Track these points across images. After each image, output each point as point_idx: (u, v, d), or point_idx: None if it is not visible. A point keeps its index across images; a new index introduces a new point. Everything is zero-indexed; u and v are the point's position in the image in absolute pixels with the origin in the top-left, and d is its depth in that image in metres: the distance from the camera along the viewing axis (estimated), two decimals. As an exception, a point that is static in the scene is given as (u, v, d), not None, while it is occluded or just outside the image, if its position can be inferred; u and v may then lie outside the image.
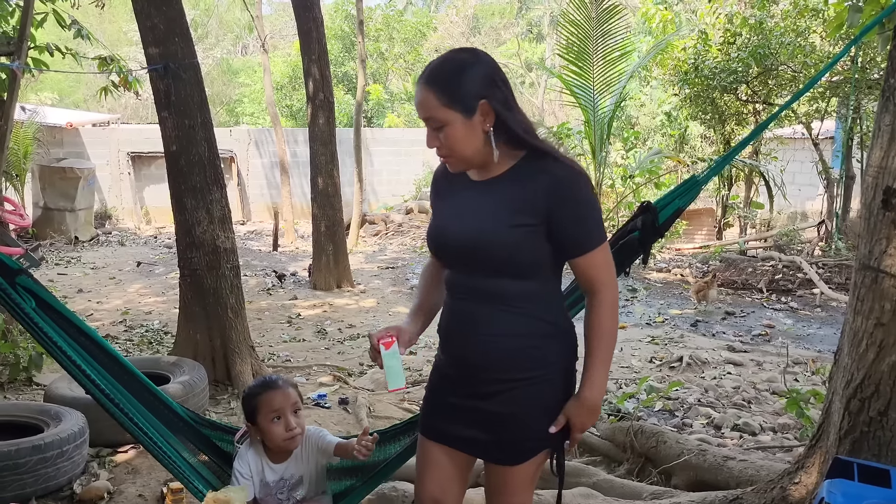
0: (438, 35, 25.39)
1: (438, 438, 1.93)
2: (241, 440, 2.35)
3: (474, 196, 1.80)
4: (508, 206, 1.74)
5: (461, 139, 1.73)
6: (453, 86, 1.71)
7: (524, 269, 1.77)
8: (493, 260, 1.75)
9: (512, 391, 1.79)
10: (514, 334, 1.78)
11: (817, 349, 6.36)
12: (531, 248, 1.75)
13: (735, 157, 9.05)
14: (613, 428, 3.83)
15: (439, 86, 1.71)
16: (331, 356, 5.92)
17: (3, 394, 4.67)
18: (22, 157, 12.40)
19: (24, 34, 3.91)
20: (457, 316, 1.86)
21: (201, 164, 4.70)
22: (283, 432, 2.22)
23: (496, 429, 1.82)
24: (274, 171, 15.58)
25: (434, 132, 1.75)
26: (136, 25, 4.85)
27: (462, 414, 1.86)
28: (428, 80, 1.73)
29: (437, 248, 1.89)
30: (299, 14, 8.42)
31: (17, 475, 3.06)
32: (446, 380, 1.91)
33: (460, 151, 1.75)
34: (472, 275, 1.81)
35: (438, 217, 1.91)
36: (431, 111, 1.72)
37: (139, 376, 2.40)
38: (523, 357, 1.79)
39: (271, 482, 2.28)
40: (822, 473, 2.41)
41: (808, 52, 9.50)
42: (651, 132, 14.59)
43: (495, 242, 1.73)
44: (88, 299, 8.09)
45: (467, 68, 1.72)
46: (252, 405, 2.25)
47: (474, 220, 1.77)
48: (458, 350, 1.86)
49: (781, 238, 10.87)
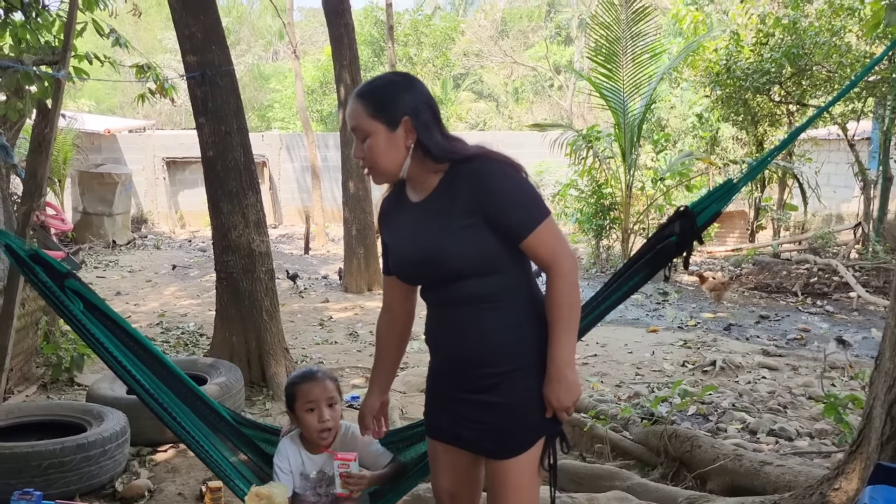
0: (466, 39, 25.44)
1: (441, 437, 2.01)
2: (284, 434, 2.41)
3: (416, 216, 1.89)
4: (446, 215, 1.82)
5: (383, 151, 1.84)
6: (381, 100, 1.83)
7: (483, 268, 1.83)
8: (450, 269, 1.83)
9: (502, 384, 1.85)
10: (495, 329, 1.85)
11: (854, 353, 6.25)
12: (480, 247, 1.81)
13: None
14: (647, 432, 3.81)
15: (368, 98, 1.85)
16: (362, 358, 5.97)
17: (46, 394, 4.79)
18: (62, 162, 12.70)
19: (68, 44, 4.02)
20: (439, 322, 1.96)
21: (237, 168, 4.78)
22: (316, 423, 2.26)
23: (490, 421, 1.87)
24: (305, 176, 15.75)
25: (360, 143, 1.86)
26: (170, 33, 4.97)
27: (458, 410, 1.93)
28: (359, 93, 1.87)
29: (398, 272, 2.00)
30: (331, 20, 8.51)
31: (62, 473, 3.15)
32: (441, 379, 2.00)
33: (382, 164, 1.86)
34: (439, 287, 1.90)
35: (391, 245, 2.00)
36: (358, 120, 1.84)
37: (182, 376, 2.46)
38: (508, 349, 1.85)
39: (312, 475, 2.32)
40: (862, 479, 2.37)
41: (844, 52, 9.33)
42: (682, 134, 14.43)
43: (447, 251, 1.81)
44: (126, 302, 8.26)
45: (398, 88, 1.85)
46: (291, 393, 2.32)
47: (421, 237, 1.86)
48: (447, 352, 1.94)
49: (816, 241, 10.68)
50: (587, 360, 5.94)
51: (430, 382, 2.07)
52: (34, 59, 4.57)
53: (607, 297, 2.23)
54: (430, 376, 2.07)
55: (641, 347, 6.41)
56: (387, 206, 2.04)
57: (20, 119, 5.07)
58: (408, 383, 5.18)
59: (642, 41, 9.82)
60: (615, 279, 2.25)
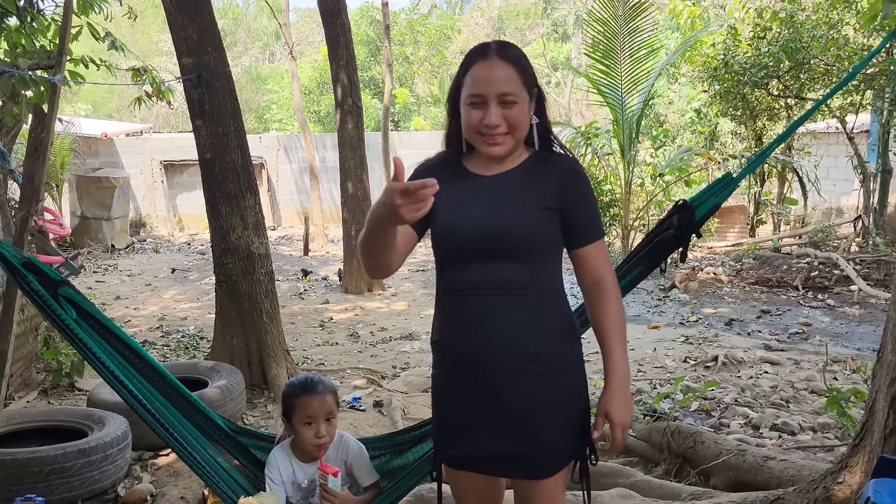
0: (463, 37, 25.42)
1: (464, 465, 1.86)
2: (279, 441, 2.39)
3: (490, 188, 1.79)
4: (529, 194, 1.76)
5: (524, 121, 1.75)
6: (528, 68, 1.76)
7: (544, 255, 1.77)
8: (517, 246, 1.73)
9: (531, 391, 1.74)
10: (534, 323, 1.75)
11: (856, 347, 6.24)
12: (551, 233, 1.77)
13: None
14: (650, 428, 3.80)
15: (519, 64, 1.74)
16: (363, 359, 5.96)
17: (46, 399, 4.78)
18: (59, 167, 12.69)
19: (63, 48, 4.00)
20: (471, 313, 1.76)
21: (235, 171, 4.77)
22: (312, 438, 2.24)
23: (522, 443, 1.76)
24: (303, 177, 15.74)
25: (501, 109, 1.71)
26: (166, 36, 4.96)
27: (484, 430, 1.78)
28: (507, 58, 1.73)
29: (454, 240, 1.78)
30: (327, 21, 8.50)
31: (64, 478, 3.14)
32: (458, 394, 1.81)
33: (521, 132, 1.76)
34: (490, 266, 1.74)
35: (452, 211, 1.78)
36: (513, 86, 1.72)
37: (176, 385, 2.44)
38: (544, 346, 1.76)
39: (303, 484, 2.30)
40: (866, 473, 2.36)
41: (842, 45, 9.32)
42: (680, 130, 14.43)
43: (523, 226, 1.73)
44: (126, 306, 8.25)
45: (526, 56, 1.77)
46: (289, 404, 2.29)
47: (498, 208, 1.75)
48: (474, 346, 1.75)
49: (816, 234, 10.68)
50: (589, 357, 5.91)
51: (444, 401, 1.87)
52: (30, 63, 4.56)
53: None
54: (444, 395, 1.87)
55: (643, 344, 6.40)
56: (437, 172, 1.79)
57: (16, 124, 5.05)
58: (409, 383, 5.17)
59: (639, 37, 9.80)
60: (615, 273, 2.24)
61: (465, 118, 1.76)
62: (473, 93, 1.72)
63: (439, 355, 1.87)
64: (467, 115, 1.75)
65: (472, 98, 1.73)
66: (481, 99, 1.71)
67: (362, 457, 2.34)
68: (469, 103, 1.74)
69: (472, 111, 1.73)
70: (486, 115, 1.71)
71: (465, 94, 1.75)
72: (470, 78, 1.74)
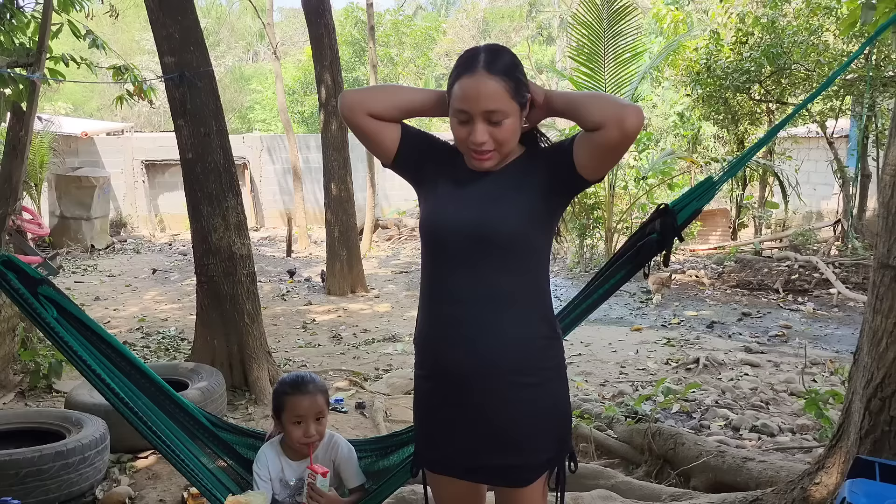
0: (448, 39, 25.46)
1: (445, 470, 1.85)
2: (269, 438, 2.38)
3: (481, 183, 1.76)
4: (518, 193, 1.73)
5: (511, 136, 1.70)
6: (518, 79, 1.68)
7: (530, 257, 1.74)
8: (503, 244, 1.70)
9: (515, 401, 1.73)
10: (521, 333, 1.73)
11: (835, 349, 6.32)
12: (539, 234, 1.75)
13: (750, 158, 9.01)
14: (631, 430, 3.82)
15: (507, 76, 1.66)
16: (346, 361, 5.94)
17: (24, 401, 4.72)
18: (38, 166, 12.55)
19: (43, 45, 3.97)
20: (454, 321, 1.73)
21: (217, 171, 4.73)
22: (301, 436, 2.24)
23: (504, 451, 1.75)
24: (286, 178, 15.67)
25: (488, 126, 1.67)
26: (148, 34, 4.92)
27: (464, 438, 1.76)
28: (495, 70, 1.65)
29: (439, 231, 1.75)
30: (311, 21, 8.47)
31: (41, 481, 3.10)
32: (440, 399, 1.79)
33: (508, 147, 1.72)
34: (476, 272, 1.71)
35: (443, 203, 1.77)
36: (500, 103, 1.65)
37: (159, 383, 2.41)
38: (529, 357, 1.74)
39: (291, 482, 2.29)
40: (842, 473, 2.39)
41: (822, 51, 9.44)
42: (663, 133, 14.55)
43: (510, 224, 1.70)
44: (105, 307, 8.16)
45: (518, 61, 1.70)
46: (279, 403, 2.28)
47: (486, 204, 1.73)
48: (454, 359, 1.73)
49: (797, 238, 10.80)
50: (571, 359, 5.96)
51: (425, 405, 1.85)
52: (8, 60, 4.51)
53: (589, 296, 2.22)
54: (425, 398, 1.85)
55: (626, 346, 6.44)
56: (442, 154, 1.84)
57: (-6, 122, 4.99)
58: (392, 385, 5.16)
59: (623, 40, 9.86)
60: (597, 277, 2.24)
61: (453, 131, 1.73)
62: (459, 108, 1.68)
63: (421, 357, 1.85)
64: (455, 129, 1.72)
65: (458, 114, 1.69)
66: (467, 116, 1.67)
67: (351, 459, 2.33)
68: (456, 118, 1.70)
69: (458, 127, 1.70)
70: (471, 132, 1.67)
71: (452, 108, 1.71)
72: (457, 90, 1.69)
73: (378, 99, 1.79)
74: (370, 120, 1.78)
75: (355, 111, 1.78)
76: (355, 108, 1.77)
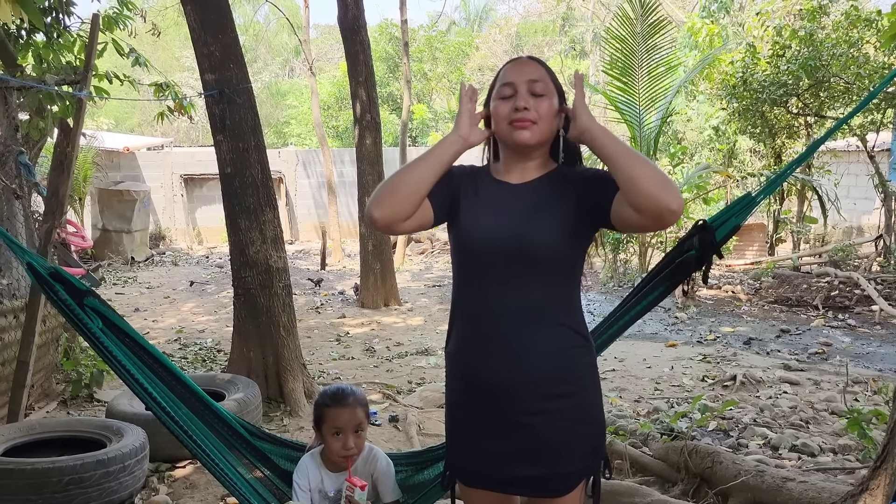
0: (481, 54, 25.56)
1: (479, 483, 1.84)
2: (310, 450, 2.41)
3: (515, 197, 1.79)
4: (552, 205, 1.76)
5: (550, 117, 1.78)
6: (554, 76, 1.84)
7: (565, 270, 1.76)
8: (539, 256, 1.72)
9: (553, 412, 1.73)
10: (558, 345, 1.74)
11: (878, 368, 6.16)
12: (573, 247, 1.76)
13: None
14: (667, 447, 3.77)
15: (548, 68, 1.84)
16: (379, 374, 5.96)
17: (66, 410, 4.83)
18: (82, 180, 12.89)
19: (89, 63, 4.08)
20: (492, 336, 1.75)
21: (255, 185, 4.82)
22: (340, 448, 2.26)
23: (540, 461, 1.76)
24: (321, 192, 15.86)
25: (531, 97, 1.77)
26: (188, 52, 5.05)
27: (500, 450, 1.76)
28: (538, 60, 1.85)
29: (475, 248, 1.77)
30: (346, 38, 8.59)
31: (83, 489, 3.16)
32: (476, 413, 1.79)
33: (545, 125, 1.78)
34: (512, 287, 1.73)
35: (475, 217, 1.79)
36: (542, 78, 1.80)
37: (199, 393, 2.46)
38: (566, 368, 1.75)
39: (330, 494, 2.31)
40: (886, 496, 2.33)
41: (862, 64, 9.28)
42: (698, 147, 14.39)
43: (546, 236, 1.72)
44: (144, 318, 8.32)
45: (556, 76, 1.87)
46: (319, 414, 2.30)
47: (522, 217, 1.75)
48: (493, 374, 1.74)
49: (837, 253, 10.58)
50: (605, 374, 5.90)
51: (460, 417, 1.85)
52: (56, 78, 4.66)
53: (626, 312, 2.21)
54: (459, 410, 1.86)
55: (660, 362, 6.36)
56: (467, 177, 1.86)
57: (42, 138, 5.16)
58: (425, 398, 5.17)
59: (657, 54, 9.80)
60: (634, 294, 2.23)
61: (494, 113, 1.80)
62: (504, 83, 1.79)
63: (457, 372, 1.85)
64: (498, 109, 1.79)
65: (503, 88, 1.79)
66: (511, 87, 1.77)
67: (389, 473, 2.34)
68: (499, 97, 1.79)
69: (502, 104, 1.79)
70: (515, 101, 1.76)
71: (496, 91, 1.81)
72: (502, 74, 1.82)
73: (400, 202, 1.72)
74: (408, 222, 1.76)
75: (393, 226, 1.76)
76: (392, 225, 1.75)
